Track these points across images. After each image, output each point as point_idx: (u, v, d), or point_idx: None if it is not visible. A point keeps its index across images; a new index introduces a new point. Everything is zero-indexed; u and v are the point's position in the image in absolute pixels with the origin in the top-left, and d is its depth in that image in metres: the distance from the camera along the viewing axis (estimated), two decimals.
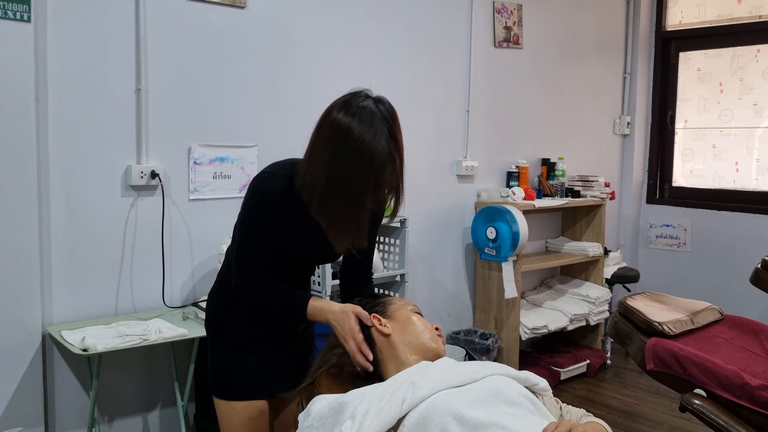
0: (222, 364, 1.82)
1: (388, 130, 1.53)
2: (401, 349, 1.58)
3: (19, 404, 2.43)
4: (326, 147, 1.54)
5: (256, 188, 1.68)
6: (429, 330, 1.63)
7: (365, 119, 1.51)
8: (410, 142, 3.56)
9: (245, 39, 2.96)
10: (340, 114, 1.54)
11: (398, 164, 1.55)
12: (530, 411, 1.37)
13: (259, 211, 1.66)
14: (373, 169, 1.51)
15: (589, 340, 4.31)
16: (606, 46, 4.70)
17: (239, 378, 1.80)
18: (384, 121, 1.53)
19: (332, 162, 1.52)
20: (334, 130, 1.53)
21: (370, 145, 1.50)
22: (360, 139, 1.49)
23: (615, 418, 3.46)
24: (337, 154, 1.52)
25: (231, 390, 1.81)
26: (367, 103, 1.54)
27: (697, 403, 2.12)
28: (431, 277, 3.79)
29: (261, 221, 1.67)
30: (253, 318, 1.79)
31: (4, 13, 2.31)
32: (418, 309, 1.72)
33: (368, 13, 3.38)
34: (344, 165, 1.51)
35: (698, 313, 2.52)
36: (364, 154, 1.50)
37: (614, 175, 4.87)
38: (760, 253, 3.08)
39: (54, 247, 2.53)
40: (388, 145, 1.52)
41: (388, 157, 1.52)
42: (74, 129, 2.55)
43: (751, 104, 4.47)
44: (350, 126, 1.51)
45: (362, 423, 1.33)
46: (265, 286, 1.71)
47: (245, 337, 1.81)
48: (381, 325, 1.61)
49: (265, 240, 1.68)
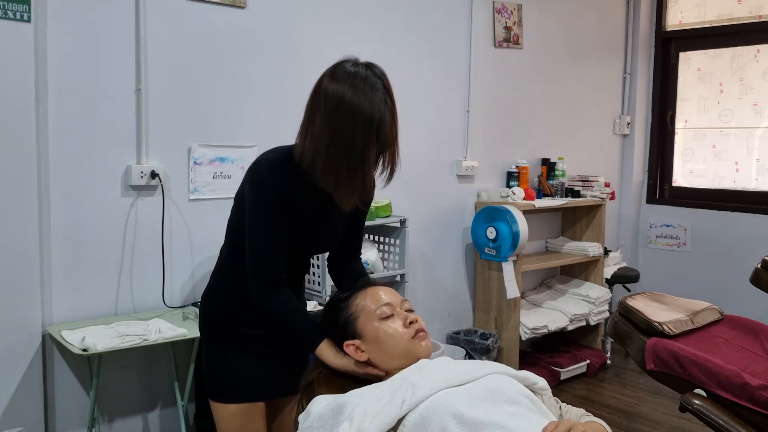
0: (217, 366, 1.81)
1: (383, 86, 1.57)
2: (385, 363, 1.55)
3: (19, 404, 2.43)
4: (324, 113, 1.56)
5: (258, 177, 1.65)
6: (404, 334, 1.56)
7: (359, 80, 1.55)
8: (410, 142, 3.60)
9: (245, 39, 2.96)
10: (332, 82, 1.57)
11: (395, 119, 1.59)
12: (530, 410, 1.36)
13: (268, 200, 1.63)
14: (374, 123, 1.53)
15: (589, 340, 4.31)
16: (606, 46, 4.70)
17: (235, 380, 1.78)
18: (378, 78, 1.57)
19: (332, 124, 1.55)
20: (329, 96, 1.56)
21: (369, 101, 1.53)
22: (357, 99, 1.53)
23: (615, 418, 3.46)
24: (335, 116, 1.54)
25: (226, 392, 1.79)
26: (357, 69, 1.58)
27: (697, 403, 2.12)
28: (431, 277, 3.79)
29: (273, 212, 1.63)
30: (248, 319, 1.76)
31: (4, 13, 2.31)
32: (382, 299, 1.61)
33: (368, 13, 3.38)
34: (345, 124, 1.53)
35: (698, 313, 2.52)
36: (364, 111, 1.52)
37: (614, 175, 4.87)
38: (760, 253, 3.08)
39: (54, 247, 2.53)
40: (385, 100, 1.55)
41: (387, 111, 1.55)
42: (74, 129, 2.55)
43: (751, 104, 4.47)
44: (344, 90, 1.54)
45: (361, 424, 1.32)
46: (288, 300, 1.67)
47: (240, 339, 1.78)
48: (357, 352, 1.57)
49: (282, 231, 1.65)
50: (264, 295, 1.67)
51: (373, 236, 3.35)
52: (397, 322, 1.58)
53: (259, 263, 1.66)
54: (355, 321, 1.59)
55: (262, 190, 1.64)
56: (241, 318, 1.77)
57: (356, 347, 1.57)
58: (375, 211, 3.17)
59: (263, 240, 1.65)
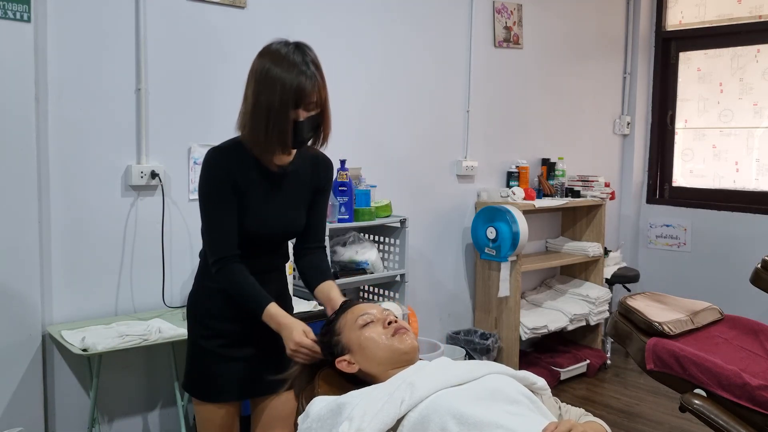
0: (197, 365, 1.90)
1: (306, 57, 1.69)
2: (377, 371, 1.55)
3: (19, 404, 2.43)
4: (250, 86, 1.72)
5: (204, 163, 1.78)
6: (383, 334, 1.57)
7: (279, 54, 1.69)
8: (410, 142, 3.61)
9: (245, 39, 2.96)
10: (258, 59, 1.73)
11: (321, 86, 1.71)
12: (530, 409, 1.36)
13: (214, 182, 1.75)
14: (292, 87, 1.66)
15: (589, 340, 4.31)
16: (606, 46, 4.70)
17: (211, 380, 1.87)
18: (300, 50, 1.70)
19: (256, 92, 1.69)
20: (254, 70, 1.72)
21: (287, 69, 1.66)
22: (276, 68, 1.67)
23: (615, 418, 3.46)
24: (259, 84, 1.69)
25: (203, 391, 1.88)
26: (279, 46, 1.71)
27: (697, 403, 2.12)
28: (431, 277, 3.79)
29: (219, 192, 1.75)
30: (227, 314, 1.84)
31: (4, 13, 2.31)
32: (362, 310, 1.63)
33: (368, 13, 3.38)
34: (265, 89, 1.68)
35: (698, 313, 2.52)
36: (282, 77, 1.66)
37: (614, 175, 4.87)
38: (760, 253, 3.08)
39: (54, 247, 2.53)
40: (305, 69, 1.67)
41: (308, 78, 1.67)
42: (74, 129, 2.55)
43: (751, 104, 4.47)
44: (265, 63, 1.69)
45: (360, 424, 1.32)
46: (238, 271, 1.77)
47: (221, 340, 1.85)
48: (348, 366, 1.58)
49: (229, 211, 1.76)
50: (215, 272, 1.77)
51: (373, 236, 3.35)
52: (377, 326, 1.59)
53: (211, 242, 1.79)
54: (340, 337, 1.62)
55: (208, 173, 1.77)
56: (219, 313, 1.84)
57: (347, 362, 1.59)
58: (375, 211, 3.17)
59: (212, 220, 1.77)
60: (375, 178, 3.36)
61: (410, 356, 1.56)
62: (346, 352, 1.60)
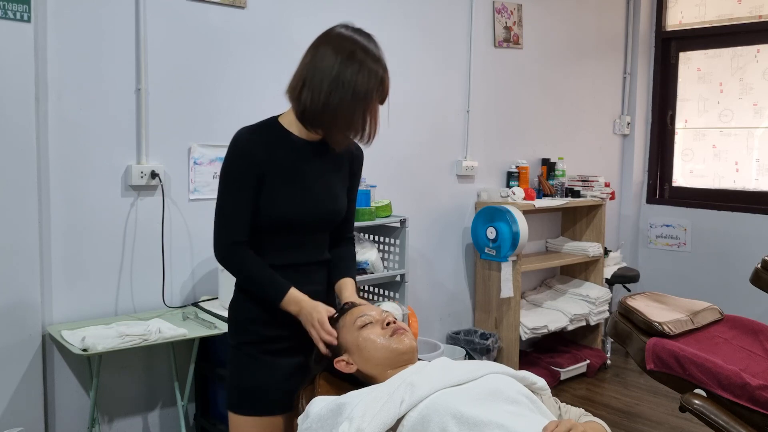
0: (242, 378, 1.74)
1: (380, 53, 1.70)
2: (375, 372, 1.55)
3: (19, 404, 2.43)
4: (328, 64, 1.63)
5: (232, 146, 1.68)
6: (381, 335, 1.57)
7: (363, 43, 1.69)
8: (410, 142, 3.61)
9: (245, 39, 2.96)
10: (337, 38, 1.72)
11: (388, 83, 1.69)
12: (530, 409, 1.36)
13: (238, 167, 1.66)
14: (379, 76, 1.65)
15: (589, 340, 4.31)
16: (606, 46, 4.70)
17: (255, 392, 1.72)
18: (375, 44, 1.72)
19: (338, 72, 1.61)
20: (338, 46, 1.67)
21: (375, 61, 1.66)
22: (366, 55, 1.66)
23: (615, 418, 3.46)
24: (342, 66, 1.62)
25: (245, 404, 1.73)
26: (353, 34, 1.74)
27: (697, 403, 2.12)
28: (431, 277, 3.79)
29: (242, 179, 1.65)
30: (271, 318, 1.71)
31: (4, 13, 2.31)
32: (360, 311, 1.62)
33: (368, 13, 3.38)
34: (350, 73, 1.62)
35: (698, 313, 2.52)
36: (372, 66, 1.64)
37: (614, 175, 4.87)
38: (760, 253, 3.08)
39: (54, 247, 2.53)
40: (384, 63, 1.68)
41: (386, 73, 1.68)
42: (74, 129, 2.55)
43: (751, 104, 4.47)
44: (352, 45, 1.66)
45: (360, 424, 1.32)
46: (249, 258, 1.68)
47: (265, 343, 1.72)
48: (346, 366, 1.58)
49: (247, 198, 1.66)
50: (224, 256, 1.70)
51: (373, 236, 3.35)
52: (376, 327, 1.59)
53: (222, 226, 1.69)
54: (338, 338, 1.61)
55: (234, 157, 1.67)
56: (264, 318, 1.72)
57: (345, 362, 1.58)
58: (375, 211, 3.17)
59: (227, 204, 1.68)
60: (375, 178, 3.36)
61: (408, 357, 1.56)
62: (344, 352, 1.60)
